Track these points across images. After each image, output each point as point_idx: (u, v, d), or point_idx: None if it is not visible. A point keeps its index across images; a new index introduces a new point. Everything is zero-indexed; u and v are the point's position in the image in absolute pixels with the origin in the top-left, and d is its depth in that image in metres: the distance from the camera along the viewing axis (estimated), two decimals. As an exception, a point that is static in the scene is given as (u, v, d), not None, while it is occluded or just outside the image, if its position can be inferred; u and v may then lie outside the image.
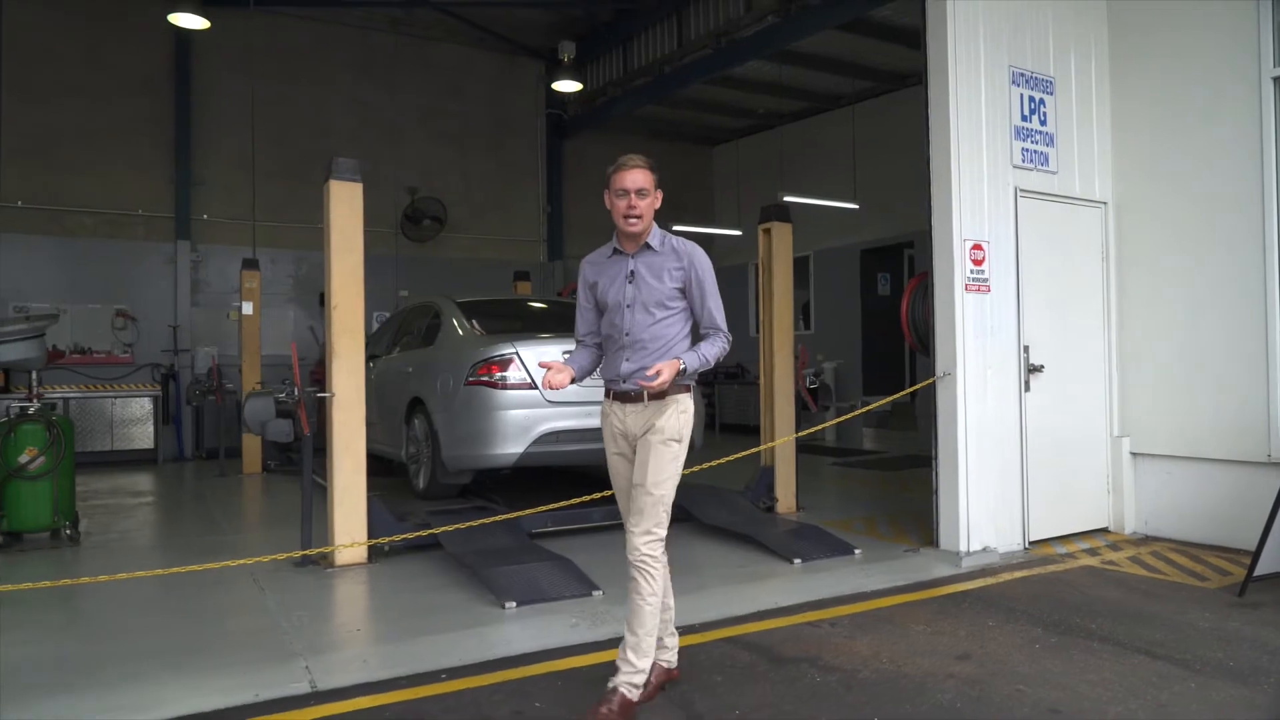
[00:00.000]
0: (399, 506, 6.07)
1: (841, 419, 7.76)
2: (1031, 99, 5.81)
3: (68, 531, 6.08)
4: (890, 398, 7.60)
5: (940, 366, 5.53)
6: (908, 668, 3.58)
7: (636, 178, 3.12)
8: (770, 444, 6.79)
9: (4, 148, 10.84)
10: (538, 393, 5.84)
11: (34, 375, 6.20)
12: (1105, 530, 6.19)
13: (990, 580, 5.01)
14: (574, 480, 7.61)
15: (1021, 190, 5.73)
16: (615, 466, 3.29)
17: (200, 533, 6.59)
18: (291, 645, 3.89)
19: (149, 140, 11.76)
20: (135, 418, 11.15)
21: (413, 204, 13.21)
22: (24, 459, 5.89)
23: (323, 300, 12.54)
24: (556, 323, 6.97)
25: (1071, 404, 5.99)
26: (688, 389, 3.20)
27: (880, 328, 13.52)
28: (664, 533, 3.15)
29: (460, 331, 6.47)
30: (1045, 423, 5.82)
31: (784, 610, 4.41)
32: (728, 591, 4.79)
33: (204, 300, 12.20)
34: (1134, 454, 6.15)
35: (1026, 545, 5.69)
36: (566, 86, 12.49)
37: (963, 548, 5.39)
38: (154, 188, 11.79)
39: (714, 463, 5.90)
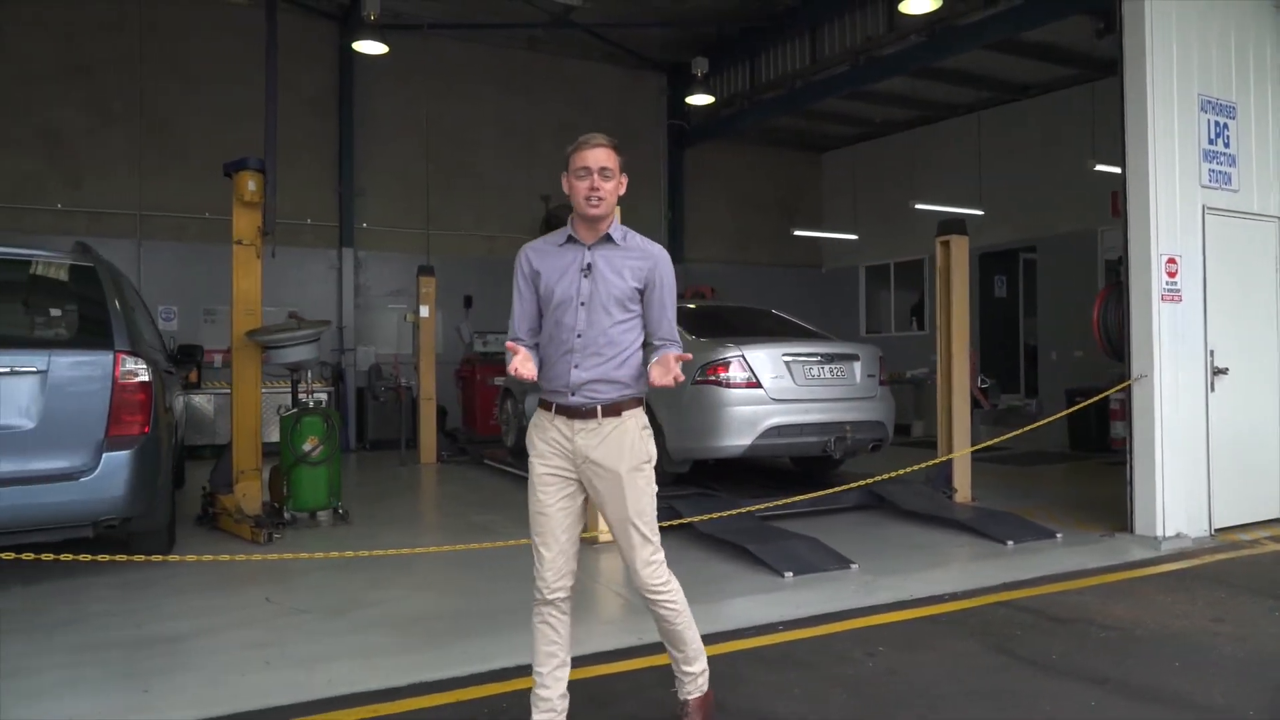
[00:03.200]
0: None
1: (1043, 422, 8.33)
2: (1216, 123, 6.34)
3: (340, 511, 6.92)
4: (1093, 399, 8.07)
5: (1136, 369, 6.11)
6: (1173, 628, 4.20)
7: (599, 156, 2.80)
8: (958, 453, 7.41)
9: (199, 164, 11.88)
10: (762, 390, 6.54)
11: (308, 374, 7.06)
12: (1279, 520, 6.70)
13: (1195, 561, 5.59)
14: (761, 470, 8.32)
15: (1208, 208, 6.28)
16: (545, 484, 2.87)
17: (444, 513, 7.43)
18: (633, 601, 4.62)
19: (316, 155, 12.72)
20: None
21: (547, 211, 14.02)
22: (307, 447, 6.74)
23: (468, 303, 13.53)
24: (750, 325, 7.68)
25: (1250, 403, 6.52)
26: (642, 402, 2.92)
27: (997, 329, 14.01)
28: (663, 554, 2.91)
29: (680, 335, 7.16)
30: (1227, 420, 6.36)
31: (1027, 583, 5.03)
32: (965, 567, 5.44)
33: (363, 303, 13.14)
34: (1306, 450, 6.66)
35: (1212, 532, 6.24)
36: (699, 100, 13.21)
37: (1159, 533, 5.96)
38: (320, 198, 12.75)
39: (907, 469, 6.54)
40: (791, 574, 5.07)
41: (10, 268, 5.02)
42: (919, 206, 12.19)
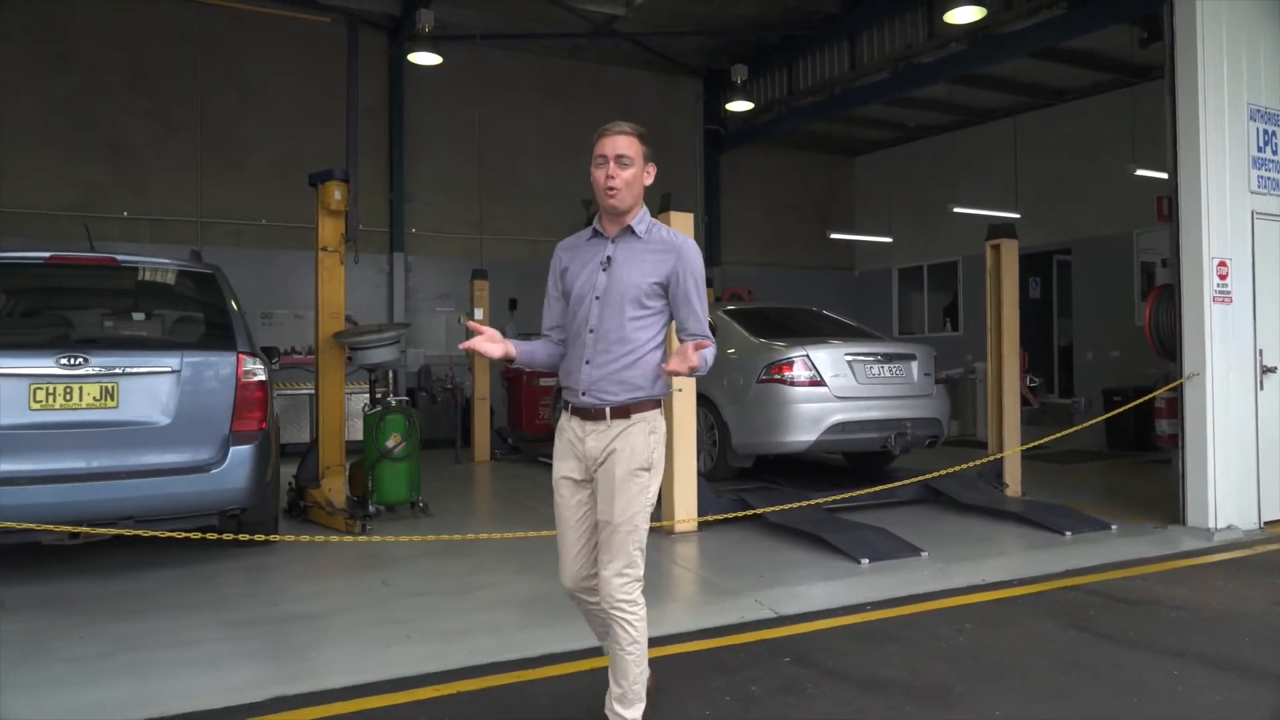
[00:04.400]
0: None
1: (1100, 419, 8.58)
2: (1265, 132, 6.61)
3: (421, 504, 7.27)
4: (1147, 396, 8.18)
5: (1188, 368, 6.38)
6: (1239, 609, 4.48)
7: (619, 143, 2.72)
8: (1020, 450, 7.69)
9: (255, 172, 12.32)
10: (826, 389, 6.85)
11: (390, 374, 7.42)
12: (1323, 513, 6.95)
13: (1248, 551, 5.86)
14: (813, 465, 8.63)
15: (1257, 213, 6.55)
16: (560, 490, 2.88)
17: (515, 506, 7.78)
18: (723, 585, 4.96)
19: (369, 162, 13.05)
20: (361, 411, 12.47)
21: (589, 215, 14.36)
22: (390, 444, 7.09)
23: (512, 305, 13.89)
24: (806, 326, 8.00)
25: (1297, 401, 6.79)
26: (658, 404, 2.82)
27: (1030, 330, 14.21)
28: (640, 572, 2.74)
29: (741, 337, 7.48)
30: (1275, 417, 6.63)
31: (1090, 569, 5.31)
32: (1028, 555, 5.73)
33: (411, 306, 13.53)
34: (1350, 445, 6.90)
35: (1262, 524, 6.50)
36: (739, 106, 13.53)
37: (1211, 525, 6.23)
38: (372, 204, 13.09)
39: (961, 466, 6.81)
40: (867, 561, 5.37)
41: (142, 274, 5.39)
42: (957, 210, 12.46)
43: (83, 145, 11.56)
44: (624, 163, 2.72)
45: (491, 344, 2.72)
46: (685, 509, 6.32)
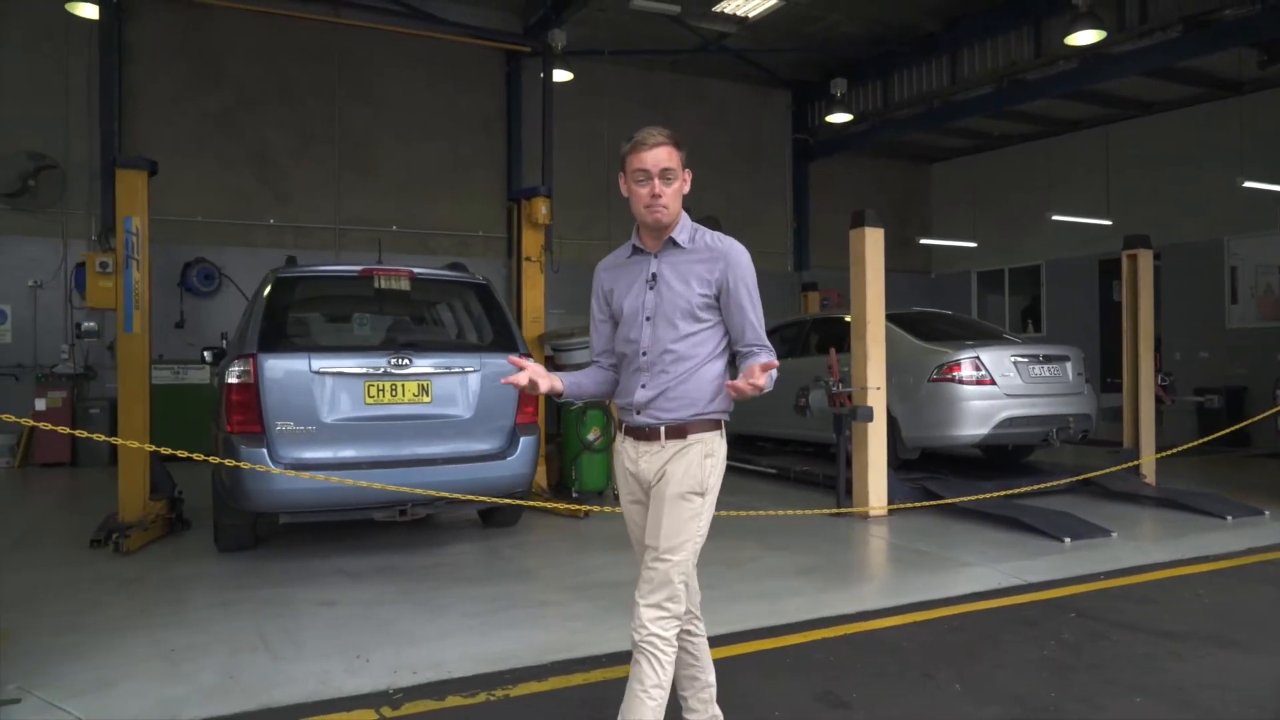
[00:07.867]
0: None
1: (1259, 418, 9.22)
2: (1401, 154, 7.26)
3: (615, 491, 7.96)
4: None
5: (1335, 369, 7.04)
6: None
7: (660, 156, 2.55)
8: (1162, 456, 8.35)
9: (386, 181, 13.08)
10: (996, 387, 7.52)
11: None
12: None
13: (1399, 533, 6.52)
14: (957, 459, 9.30)
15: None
16: (630, 515, 2.78)
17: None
18: (957, 559, 5.64)
19: (485, 171, 13.86)
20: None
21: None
22: (591, 437, 7.80)
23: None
24: (962, 330, 8.66)
25: None
26: (718, 425, 2.67)
27: (1113, 332, 14.83)
28: (680, 608, 2.54)
29: (905, 340, 8.14)
30: None
31: (1269, 548, 5.97)
32: (1204, 536, 6.34)
33: (525, 307, 14.26)
34: None
35: (1399, 511, 7.17)
36: (839, 118, 14.21)
37: (1357, 510, 6.91)
38: (489, 212, 13.89)
39: (1121, 466, 7.46)
40: (1069, 540, 6.03)
41: (434, 285, 6.11)
42: (1056, 218, 13.08)
43: (233, 156, 12.34)
44: (668, 177, 2.57)
45: (538, 378, 2.62)
46: (878, 495, 7.01)
